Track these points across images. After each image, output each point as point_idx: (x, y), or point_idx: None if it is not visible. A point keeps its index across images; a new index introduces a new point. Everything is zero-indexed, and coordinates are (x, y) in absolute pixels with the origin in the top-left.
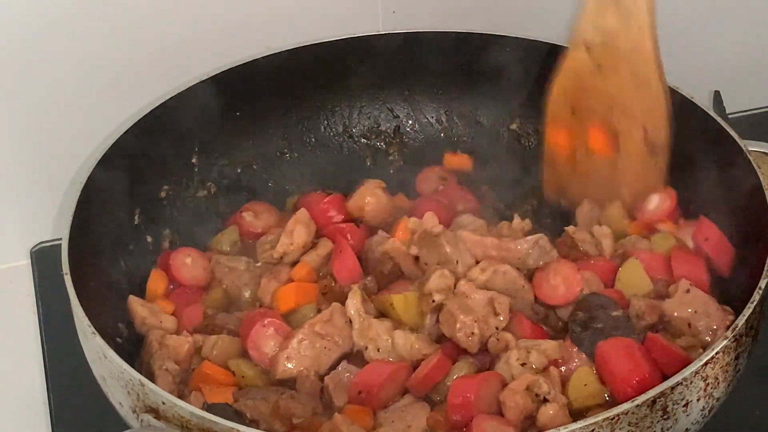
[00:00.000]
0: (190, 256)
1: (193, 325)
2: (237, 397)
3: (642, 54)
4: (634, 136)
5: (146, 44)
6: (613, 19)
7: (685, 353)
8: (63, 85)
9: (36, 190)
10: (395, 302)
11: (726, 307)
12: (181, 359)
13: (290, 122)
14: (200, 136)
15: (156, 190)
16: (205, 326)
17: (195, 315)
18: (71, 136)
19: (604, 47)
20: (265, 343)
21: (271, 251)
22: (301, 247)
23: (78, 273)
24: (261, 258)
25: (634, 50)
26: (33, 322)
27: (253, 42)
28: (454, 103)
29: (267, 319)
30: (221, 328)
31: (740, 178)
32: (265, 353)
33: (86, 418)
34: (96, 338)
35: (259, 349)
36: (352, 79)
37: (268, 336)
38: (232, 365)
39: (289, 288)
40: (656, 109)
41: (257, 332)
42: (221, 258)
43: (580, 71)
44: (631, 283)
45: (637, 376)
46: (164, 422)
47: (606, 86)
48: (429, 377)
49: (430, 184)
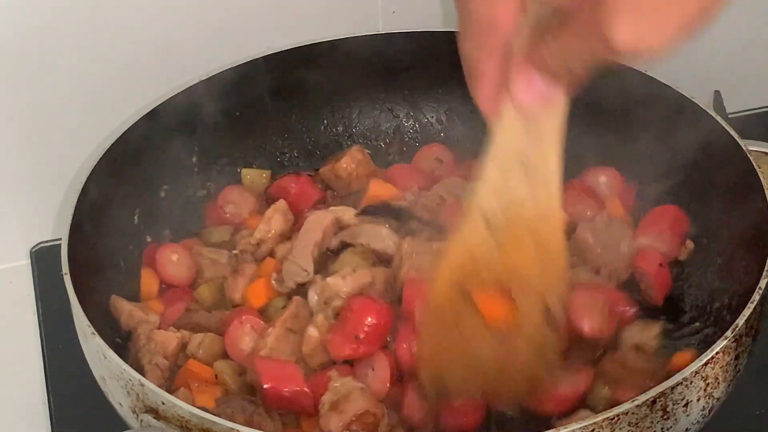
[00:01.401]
0: (176, 253)
1: (172, 320)
2: (218, 404)
3: (550, 223)
4: (533, 310)
5: (146, 44)
6: (518, 185)
7: None
8: (63, 85)
9: (36, 190)
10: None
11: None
12: (170, 354)
13: (290, 122)
14: (200, 136)
15: (156, 190)
16: (186, 323)
17: (177, 311)
18: (71, 136)
19: (506, 219)
20: (242, 339)
21: (249, 238)
22: (279, 235)
23: (78, 273)
24: (240, 246)
25: (542, 220)
26: (33, 322)
27: (253, 42)
28: (454, 103)
29: (244, 316)
30: (202, 327)
31: (740, 178)
32: (242, 350)
33: (86, 418)
34: (96, 338)
35: (237, 347)
36: (352, 79)
37: (245, 333)
38: (217, 368)
39: (258, 284)
40: (559, 280)
41: (234, 329)
42: (203, 249)
43: (476, 249)
44: None
45: None
46: (164, 422)
47: (505, 260)
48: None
49: (427, 163)
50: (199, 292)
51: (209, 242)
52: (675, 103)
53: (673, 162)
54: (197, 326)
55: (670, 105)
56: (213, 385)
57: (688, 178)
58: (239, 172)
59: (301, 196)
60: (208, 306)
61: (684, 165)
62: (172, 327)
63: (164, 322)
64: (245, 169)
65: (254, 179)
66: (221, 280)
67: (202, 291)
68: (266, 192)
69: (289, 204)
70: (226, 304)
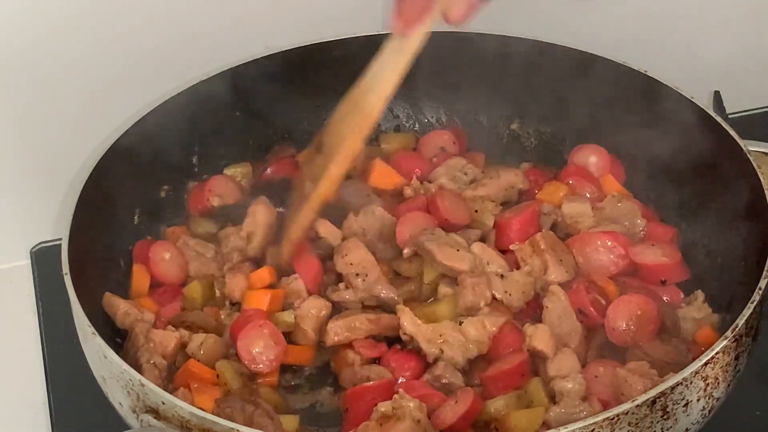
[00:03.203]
0: (168, 251)
1: (167, 319)
2: (218, 404)
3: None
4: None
5: (146, 44)
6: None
7: None
8: (63, 85)
9: (36, 190)
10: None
11: None
12: (168, 354)
13: (290, 122)
14: (200, 135)
15: (156, 190)
16: (181, 322)
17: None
18: (71, 136)
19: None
20: (256, 343)
21: (237, 235)
22: (265, 226)
23: (78, 273)
24: (229, 244)
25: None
26: (33, 322)
27: (253, 42)
28: (454, 103)
29: (262, 321)
30: (197, 326)
31: (740, 178)
32: (252, 354)
33: (86, 418)
34: (96, 338)
35: (248, 349)
36: (352, 79)
37: (261, 337)
38: (219, 368)
39: (262, 293)
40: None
41: (250, 331)
42: (190, 240)
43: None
44: None
45: None
46: (164, 422)
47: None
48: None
49: (430, 149)
50: (188, 290)
51: (196, 232)
52: (675, 103)
53: (673, 162)
54: (192, 325)
55: (670, 105)
56: (213, 385)
57: (688, 178)
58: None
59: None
60: (198, 303)
61: (684, 165)
62: (170, 326)
63: (159, 320)
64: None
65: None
66: (210, 278)
67: (193, 289)
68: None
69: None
70: (216, 301)
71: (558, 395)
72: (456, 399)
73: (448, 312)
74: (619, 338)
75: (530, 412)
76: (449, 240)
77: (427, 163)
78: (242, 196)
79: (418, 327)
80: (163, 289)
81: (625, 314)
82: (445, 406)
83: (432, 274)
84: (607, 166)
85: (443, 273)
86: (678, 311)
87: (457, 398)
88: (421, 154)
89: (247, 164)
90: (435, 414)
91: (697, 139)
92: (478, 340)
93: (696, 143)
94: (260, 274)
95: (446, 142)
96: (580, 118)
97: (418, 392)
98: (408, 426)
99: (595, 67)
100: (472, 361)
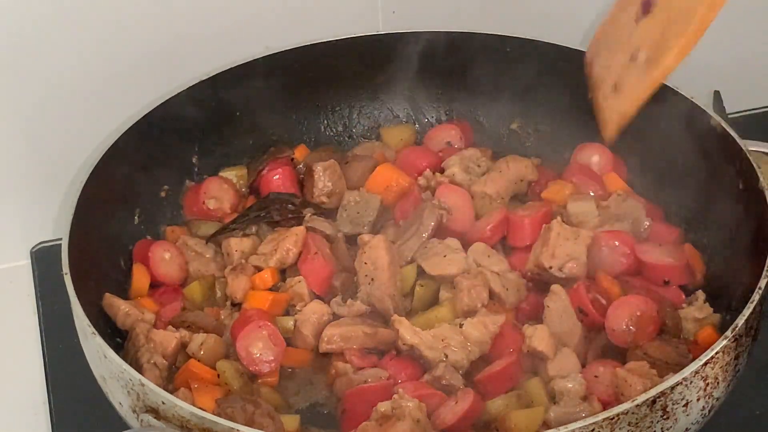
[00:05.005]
0: (168, 251)
1: (168, 319)
2: (219, 404)
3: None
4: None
5: (146, 44)
6: None
7: None
8: (63, 85)
9: (36, 190)
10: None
11: None
12: (169, 354)
13: (290, 122)
14: (200, 136)
15: (156, 190)
16: (181, 322)
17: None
18: (71, 136)
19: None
20: (255, 344)
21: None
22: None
23: (78, 273)
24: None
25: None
26: (33, 322)
27: (253, 42)
28: (454, 103)
29: (262, 322)
30: (197, 326)
31: (740, 178)
32: (252, 354)
33: (86, 418)
34: (96, 338)
35: (247, 350)
36: (352, 79)
37: (260, 338)
38: (220, 368)
39: (265, 293)
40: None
41: (250, 332)
42: (189, 240)
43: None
44: None
45: None
46: (164, 422)
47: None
48: None
49: (436, 144)
50: (189, 290)
51: (196, 234)
52: (675, 103)
53: (672, 162)
54: (193, 325)
55: (670, 105)
56: (213, 385)
57: (688, 178)
58: None
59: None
60: (198, 303)
61: (684, 165)
62: (171, 326)
63: (159, 320)
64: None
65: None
66: (210, 278)
67: (193, 289)
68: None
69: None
70: (216, 301)
71: (558, 395)
72: (456, 399)
73: (448, 315)
74: (620, 339)
75: (530, 412)
76: (436, 249)
77: (435, 156)
78: (238, 199)
79: (418, 336)
80: (164, 289)
81: (625, 315)
82: (445, 407)
83: (431, 285)
84: (609, 164)
85: (440, 281)
86: (679, 311)
87: (457, 398)
88: (428, 148)
89: (242, 167)
90: (435, 414)
91: (696, 139)
92: (481, 341)
93: (696, 143)
94: (263, 275)
95: (453, 136)
96: (580, 117)
97: (418, 392)
98: (408, 426)
99: None
100: (472, 362)
